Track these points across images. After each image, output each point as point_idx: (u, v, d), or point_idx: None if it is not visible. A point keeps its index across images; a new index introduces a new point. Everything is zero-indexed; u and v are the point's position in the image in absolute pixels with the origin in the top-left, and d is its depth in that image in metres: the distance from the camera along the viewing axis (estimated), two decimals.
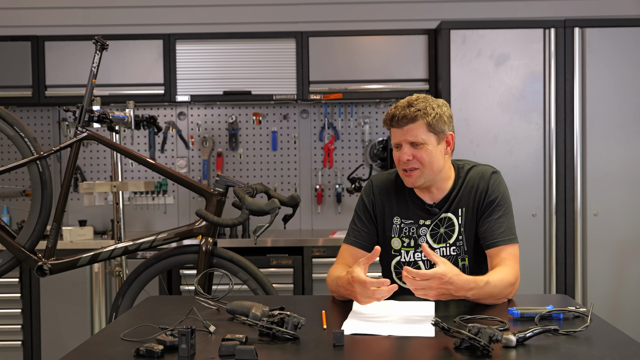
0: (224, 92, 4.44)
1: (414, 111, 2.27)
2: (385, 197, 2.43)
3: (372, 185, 2.46)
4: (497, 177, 2.37)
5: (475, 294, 2.07)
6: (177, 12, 4.75)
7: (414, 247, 2.38)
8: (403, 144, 2.29)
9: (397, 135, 2.31)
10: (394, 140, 2.32)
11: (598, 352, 1.65)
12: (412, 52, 4.37)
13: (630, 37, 4.06)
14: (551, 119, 4.06)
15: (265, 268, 4.09)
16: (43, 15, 4.76)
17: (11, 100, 4.48)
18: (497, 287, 2.12)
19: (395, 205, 2.41)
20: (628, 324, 4.00)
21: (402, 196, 2.41)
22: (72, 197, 4.75)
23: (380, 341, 1.76)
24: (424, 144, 2.28)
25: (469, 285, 2.05)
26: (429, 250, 2.05)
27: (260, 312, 1.85)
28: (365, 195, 2.46)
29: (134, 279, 3.07)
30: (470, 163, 2.43)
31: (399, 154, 2.31)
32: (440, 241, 2.36)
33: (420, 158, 2.28)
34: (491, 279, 2.13)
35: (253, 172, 4.79)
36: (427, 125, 2.28)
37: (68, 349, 2.79)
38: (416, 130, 2.27)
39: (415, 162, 2.28)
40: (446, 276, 1.98)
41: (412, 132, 2.28)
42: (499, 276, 2.16)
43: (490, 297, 2.12)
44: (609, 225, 4.06)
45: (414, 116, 2.27)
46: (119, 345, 1.75)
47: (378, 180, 2.47)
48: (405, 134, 2.28)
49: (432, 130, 2.29)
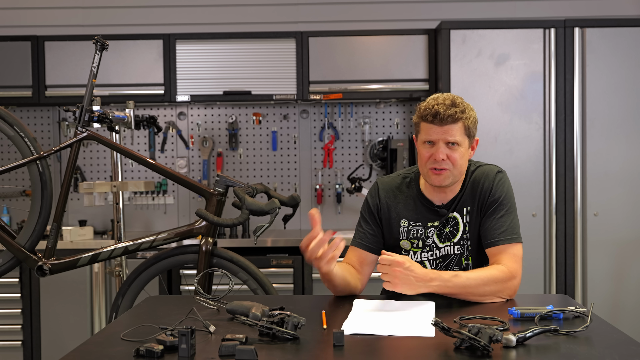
0: (224, 92, 4.44)
1: (459, 112, 2.26)
2: (392, 199, 2.42)
3: (378, 188, 2.46)
4: (502, 177, 2.37)
5: (440, 286, 2.09)
6: (177, 12, 4.75)
7: (421, 248, 2.39)
8: (439, 142, 2.27)
9: (434, 133, 2.28)
10: (428, 137, 2.29)
11: (598, 352, 1.65)
12: (412, 52, 4.37)
13: (630, 37, 4.06)
14: (551, 119, 4.06)
15: (265, 268, 4.09)
16: (43, 15, 4.76)
17: (11, 100, 4.48)
18: (471, 282, 2.12)
19: (403, 208, 2.41)
20: (628, 324, 4.00)
21: (410, 198, 2.41)
22: (72, 197, 4.75)
23: (380, 341, 1.76)
24: (459, 145, 2.28)
25: (429, 276, 2.08)
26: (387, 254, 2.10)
27: (260, 312, 1.85)
28: (371, 197, 2.46)
29: (134, 279, 3.07)
30: (476, 163, 2.43)
31: (432, 151, 2.28)
32: (445, 240, 2.36)
33: (454, 159, 2.28)
34: (463, 273, 2.14)
35: (253, 172, 4.79)
36: (465, 128, 2.28)
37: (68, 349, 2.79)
38: (455, 131, 2.26)
39: (447, 162, 2.28)
40: (405, 264, 2.05)
41: (451, 132, 2.26)
42: (476, 272, 2.17)
43: (468, 294, 2.13)
44: (609, 225, 4.06)
45: (459, 117, 2.26)
46: (119, 345, 1.75)
47: (384, 183, 2.46)
48: (445, 132, 2.26)
49: (467, 133, 2.29)
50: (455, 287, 2.11)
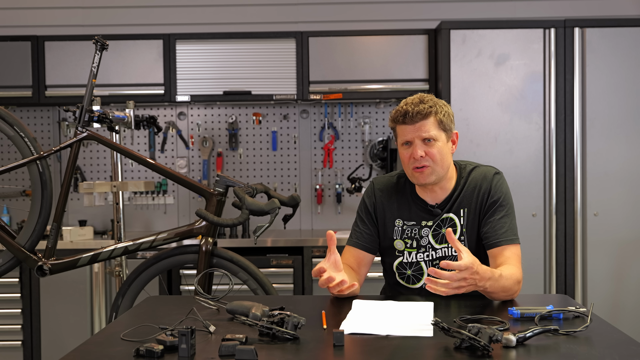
0: (224, 92, 4.44)
1: (427, 107, 2.27)
2: (387, 199, 2.43)
3: (374, 188, 2.47)
4: (500, 178, 2.38)
5: (492, 285, 2.06)
6: (177, 12, 4.75)
7: (416, 249, 2.38)
8: (415, 141, 2.28)
9: (408, 132, 2.29)
10: (404, 138, 2.31)
11: (598, 352, 1.65)
12: (412, 52, 4.37)
13: (630, 37, 4.06)
14: (551, 119, 4.06)
15: (265, 268, 4.09)
16: (43, 15, 4.76)
17: (11, 100, 4.48)
18: (508, 281, 2.13)
19: (397, 208, 2.41)
20: (628, 324, 4.00)
21: (404, 198, 2.41)
22: (72, 197, 4.75)
23: (380, 341, 1.76)
24: (435, 140, 2.29)
25: (488, 274, 2.04)
26: (453, 237, 2.03)
27: (260, 312, 1.85)
28: (367, 197, 2.47)
29: (134, 279, 3.07)
30: (472, 164, 2.43)
31: (410, 150, 2.30)
32: (442, 241, 2.36)
33: (432, 155, 2.28)
34: (504, 272, 2.13)
35: (253, 172, 4.79)
36: (438, 122, 2.29)
37: (68, 349, 2.79)
38: (429, 126, 2.28)
39: (427, 159, 2.28)
40: (474, 265, 1.98)
41: (424, 128, 2.28)
42: (509, 271, 2.17)
43: (502, 291, 2.12)
44: (609, 225, 4.06)
45: (428, 112, 2.27)
46: (119, 345, 1.75)
47: (379, 183, 2.47)
48: (418, 130, 2.28)
49: (442, 128, 2.30)
50: (500, 286, 2.09)
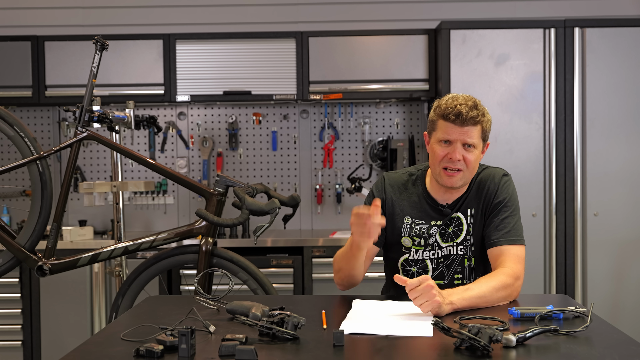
0: (224, 92, 4.44)
1: (480, 115, 2.27)
2: (397, 195, 2.42)
3: (385, 182, 2.46)
4: (508, 180, 2.39)
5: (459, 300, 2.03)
6: (177, 12, 4.75)
7: (423, 247, 2.38)
8: (457, 143, 2.27)
9: (453, 133, 2.27)
10: (446, 136, 2.28)
11: (598, 352, 1.65)
12: (412, 52, 4.37)
13: (630, 37, 4.06)
14: (551, 119, 4.06)
15: (265, 268, 4.09)
16: (43, 15, 4.76)
17: (11, 100, 4.48)
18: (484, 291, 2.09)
19: (407, 205, 2.41)
20: (628, 324, 4.00)
21: (415, 196, 2.41)
22: (72, 197, 4.75)
23: (380, 341, 1.76)
24: (475, 147, 2.28)
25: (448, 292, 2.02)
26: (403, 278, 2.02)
27: (260, 312, 1.85)
28: (376, 190, 2.46)
29: (134, 279, 3.07)
30: (482, 165, 2.43)
31: (448, 150, 2.28)
32: (448, 240, 2.37)
33: (468, 161, 2.28)
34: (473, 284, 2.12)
35: (253, 172, 4.79)
36: (482, 131, 2.29)
37: (68, 349, 2.79)
38: (474, 133, 2.27)
39: (462, 163, 2.28)
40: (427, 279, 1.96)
41: (470, 134, 2.26)
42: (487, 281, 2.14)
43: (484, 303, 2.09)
44: (609, 225, 4.06)
45: (480, 120, 2.27)
46: (119, 345, 1.75)
47: (391, 179, 2.46)
48: (465, 134, 2.26)
49: (483, 137, 2.31)
50: (471, 299, 2.06)
